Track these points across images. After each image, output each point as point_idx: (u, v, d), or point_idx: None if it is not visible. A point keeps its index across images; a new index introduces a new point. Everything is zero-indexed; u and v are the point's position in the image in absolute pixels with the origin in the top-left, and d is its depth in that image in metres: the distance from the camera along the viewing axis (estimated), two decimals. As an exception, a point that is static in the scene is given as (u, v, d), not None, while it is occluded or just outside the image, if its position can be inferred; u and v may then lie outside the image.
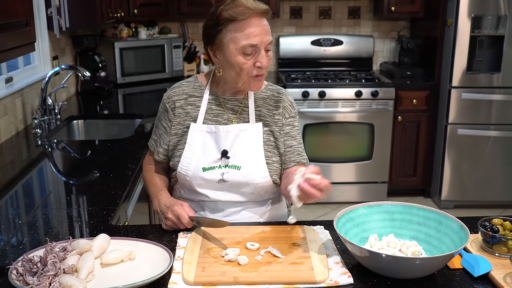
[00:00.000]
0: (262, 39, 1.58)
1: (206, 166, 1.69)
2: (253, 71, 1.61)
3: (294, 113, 1.78)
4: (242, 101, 1.74)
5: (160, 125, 1.79)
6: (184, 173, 1.70)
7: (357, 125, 4.17)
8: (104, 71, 3.93)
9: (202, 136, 1.70)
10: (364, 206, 1.51)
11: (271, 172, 1.70)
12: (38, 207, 1.83)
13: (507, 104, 3.99)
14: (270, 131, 1.73)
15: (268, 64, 1.63)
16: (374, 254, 1.28)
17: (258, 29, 1.58)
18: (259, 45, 1.58)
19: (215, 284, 1.28)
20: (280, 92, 1.78)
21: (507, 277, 1.29)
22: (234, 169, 1.68)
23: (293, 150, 1.74)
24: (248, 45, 1.57)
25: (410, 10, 4.34)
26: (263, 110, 1.74)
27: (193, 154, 1.70)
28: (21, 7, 1.92)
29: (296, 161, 1.74)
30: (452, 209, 4.19)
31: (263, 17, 1.60)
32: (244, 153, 1.68)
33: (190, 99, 1.75)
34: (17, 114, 2.83)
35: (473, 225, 1.54)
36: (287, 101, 1.77)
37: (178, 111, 1.74)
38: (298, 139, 1.77)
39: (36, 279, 1.21)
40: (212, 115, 1.72)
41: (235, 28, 1.58)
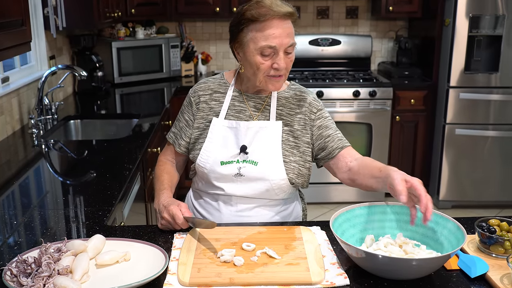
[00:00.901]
0: (281, 41, 1.60)
1: (224, 160, 1.72)
2: (270, 72, 1.65)
3: (321, 105, 1.79)
4: (265, 99, 1.77)
5: (182, 118, 1.84)
6: (203, 165, 1.74)
7: (355, 125, 4.17)
8: (101, 71, 3.92)
9: (223, 131, 1.74)
10: (360, 207, 1.50)
11: (288, 170, 1.71)
12: (35, 208, 1.82)
13: (505, 104, 3.99)
14: (290, 131, 1.75)
15: (287, 66, 1.66)
16: (370, 255, 1.27)
17: (278, 31, 1.60)
18: (277, 47, 1.61)
19: (210, 285, 1.27)
20: (302, 91, 1.81)
21: (504, 278, 1.29)
22: (251, 164, 1.70)
23: (332, 138, 1.75)
24: (267, 46, 1.60)
25: (408, 10, 4.34)
26: (284, 109, 1.76)
27: (212, 148, 1.74)
28: (17, 6, 1.91)
29: (339, 147, 1.74)
30: (450, 209, 4.19)
31: (286, 19, 1.61)
32: (262, 150, 1.71)
33: (214, 95, 1.80)
34: (13, 114, 2.82)
35: (470, 225, 1.53)
36: (310, 97, 1.79)
37: (203, 105, 1.79)
38: (333, 127, 1.77)
39: (30, 280, 1.20)
40: (234, 111, 1.76)
41: (256, 29, 1.61)
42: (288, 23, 1.63)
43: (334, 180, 4.27)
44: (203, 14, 4.36)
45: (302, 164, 1.75)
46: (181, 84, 4.26)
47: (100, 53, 4.02)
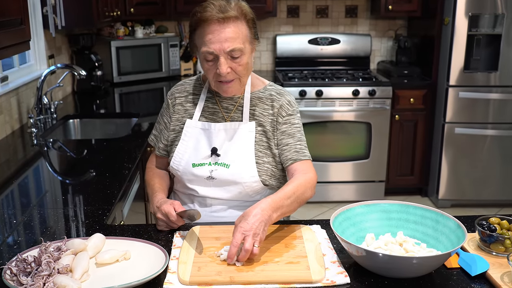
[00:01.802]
0: (220, 46, 1.57)
1: (196, 162, 1.70)
2: (217, 77, 1.62)
3: (292, 111, 1.75)
4: (237, 100, 1.74)
5: (162, 121, 1.84)
6: (176, 167, 1.73)
7: (354, 124, 4.17)
8: (100, 70, 3.91)
9: (196, 133, 1.73)
10: (361, 205, 1.50)
11: (260, 172, 1.69)
12: (34, 207, 1.82)
13: (504, 103, 3.99)
14: (263, 131, 1.72)
15: (235, 70, 1.61)
16: (371, 253, 1.27)
17: (216, 36, 1.56)
18: (216, 52, 1.57)
19: (210, 283, 1.27)
20: (278, 92, 1.77)
21: (504, 276, 1.29)
22: (223, 167, 1.68)
23: (289, 148, 1.71)
24: (206, 52, 1.59)
25: (407, 9, 4.33)
26: (257, 109, 1.73)
27: (185, 150, 1.72)
28: (15, 5, 1.91)
29: (292, 158, 1.70)
30: (449, 208, 4.19)
31: (226, 23, 1.57)
32: (234, 152, 1.69)
33: (190, 97, 1.78)
34: (12, 113, 2.82)
35: (470, 224, 1.53)
36: (284, 100, 1.74)
37: (178, 107, 1.78)
38: (297, 136, 1.73)
39: (30, 279, 1.20)
40: (208, 113, 1.75)
41: (200, 34, 1.61)
42: (230, 27, 1.57)
43: (333, 179, 4.28)
44: (202, 13, 4.35)
45: (275, 165, 1.73)
46: (180, 83, 4.25)
47: (99, 52, 4.01)
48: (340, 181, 4.28)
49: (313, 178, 1.66)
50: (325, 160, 4.22)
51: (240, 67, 1.62)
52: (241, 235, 1.36)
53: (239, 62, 1.61)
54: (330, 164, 4.24)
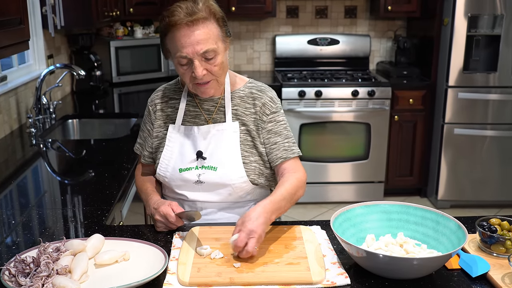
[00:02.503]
0: (193, 49, 1.54)
1: (183, 167, 1.68)
2: (194, 80, 1.60)
3: (275, 108, 1.72)
4: (218, 100, 1.72)
5: (145, 128, 1.81)
6: (163, 174, 1.71)
7: (354, 125, 4.17)
8: (99, 70, 3.91)
9: (179, 137, 1.71)
10: (361, 206, 1.50)
11: (248, 172, 1.67)
12: (33, 207, 1.81)
13: (504, 104, 3.99)
14: (247, 130, 1.70)
15: (211, 71, 1.59)
16: (371, 254, 1.27)
17: (187, 39, 1.54)
18: (189, 56, 1.55)
19: (210, 285, 1.27)
20: (259, 89, 1.73)
21: (505, 278, 1.28)
22: (210, 170, 1.67)
23: (278, 146, 1.69)
24: (180, 57, 1.56)
25: (406, 10, 4.33)
26: (240, 108, 1.71)
27: (171, 155, 1.71)
28: (15, 4, 1.90)
29: (282, 157, 1.68)
30: (449, 208, 4.18)
31: (196, 25, 1.54)
32: (220, 154, 1.67)
33: (170, 102, 1.76)
34: (11, 113, 2.81)
35: (470, 225, 1.53)
36: (266, 98, 1.71)
37: (159, 113, 1.76)
38: (284, 134, 1.71)
39: (28, 280, 1.20)
40: (190, 116, 1.73)
41: (170, 39, 1.57)
42: (200, 29, 1.54)
43: (332, 180, 4.28)
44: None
45: (262, 163, 1.71)
46: (179, 83, 4.25)
47: (98, 52, 4.01)
48: (339, 181, 4.28)
49: (303, 177, 1.67)
50: (324, 160, 4.22)
51: (215, 67, 1.59)
52: (246, 236, 1.38)
53: (213, 62, 1.58)
54: (329, 164, 4.23)
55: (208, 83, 1.61)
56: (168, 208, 1.54)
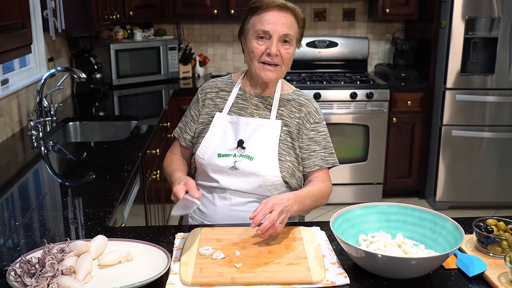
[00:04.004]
0: (276, 28, 1.68)
1: (222, 152, 1.77)
2: (263, 57, 1.71)
3: (319, 119, 1.84)
4: (267, 99, 1.83)
5: (189, 114, 1.92)
6: (202, 156, 1.79)
7: (352, 127, 4.19)
8: (99, 73, 3.93)
9: (224, 125, 1.80)
10: (360, 207, 1.52)
11: (282, 168, 1.75)
12: (34, 209, 1.83)
13: (501, 106, 4.02)
14: (289, 131, 1.79)
15: (283, 56, 1.71)
16: (370, 255, 1.29)
17: (274, 18, 1.69)
18: (271, 32, 1.69)
19: (212, 284, 1.29)
20: (306, 98, 1.86)
21: (501, 277, 1.31)
22: (247, 158, 1.74)
23: (316, 155, 1.80)
24: (261, 30, 1.69)
25: (404, 12, 4.36)
26: (285, 110, 1.81)
27: (212, 141, 1.80)
28: (17, 9, 1.92)
29: (319, 165, 1.79)
30: (447, 210, 4.21)
31: (284, 11, 1.70)
32: (259, 146, 1.75)
33: (220, 93, 1.87)
34: (13, 116, 2.83)
35: (467, 225, 1.55)
36: (312, 107, 1.83)
37: (208, 102, 1.87)
38: (323, 144, 1.82)
39: (34, 280, 1.22)
40: (237, 108, 1.83)
41: (256, 15, 1.72)
42: (287, 15, 1.71)
43: (332, 182, 4.29)
44: (201, 17, 4.38)
45: (297, 165, 1.79)
46: (179, 86, 4.27)
47: (98, 55, 4.03)
48: (338, 183, 4.30)
49: (330, 188, 1.80)
50: (323, 162, 4.23)
51: (287, 54, 1.72)
52: (271, 206, 1.48)
53: (287, 48, 1.72)
54: (328, 166, 4.25)
55: (275, 66, 1.73)
56: (180, 188, 1.55)
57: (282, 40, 1.70)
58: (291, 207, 1.55)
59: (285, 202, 1.53)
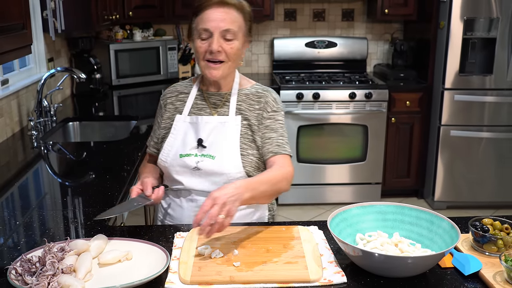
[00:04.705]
0: (216, 24, 1.68)
1: (183, 152, 1.77)
2: (207, 55, 1.72)
3: (277, 108, 1.82)
4: (224, 95, 1.83)
5: (156, 121, 1.94)
6: (164, 159, 1.80)
7: (351, 127, 4.20)
8: (99, 73, 3.94)
9: (184, 127, 1.81)
10: (357, 207, 1.53)
11: (245, 163, 1.74)
12: (34, 209, 1.84)
13: (499, 106, 4.04)
14: (249, 125, 1.78)
15: (226, 52, 1.70)
16: (367, 254, 1.30)
17: (214, 15, 1.69)
18: (211, 29, 1.69)
19: (211, 283, 1.30)
20: (264, 90, 1.85)
21: (496, 276, 1.32)
22: (209, 158, 1.74)
23: (271, 141, 1.77)
24: (202, 29, 1.70)
25: (403, 13, 4.38)
26: (244, 104, 1.81)
27: (174, 142, 1.80)
28: (18, 10, 1.93)
29: (273, 151, 1.75)
30: (445, 209, 4.22)
31: (225, 7, 1.70)
32: (220, 144, 1.75)
33: (180, 96, 1.88)
34: (13, 116, 2.84)
35: (464, 225, 1.56)
36: (270, 97, 1.82)
37: (169, 106, 1.88)
38: (279, 132, 1.79)
39: (35, 279, 1.23)
40: (196, 108, 1.83)
41: (199, 16, 1.73)
42: (229, 10, 1.70)
43: (329, 181, 4.31)
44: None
45: (259, 157, 1.78)
46: (178, 86, 4.28)
47: (98, 56, 4.04)
48: (337, 183, 4.32)
49: (290, 172, 1.71)
50: (322, 162, 4.25)
51: (231, 50, 1.71)
52: (211, 201, 1.42)
53: (230, 44, 1.71)
54: (327, 166, 4.27)
55: (219, 64, 1.72)
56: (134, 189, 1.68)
57: (224, 36, 1.70)
58: (240, 196, 1.48)
59: (229, 192, 1.45)
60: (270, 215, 1.90)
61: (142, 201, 1.65)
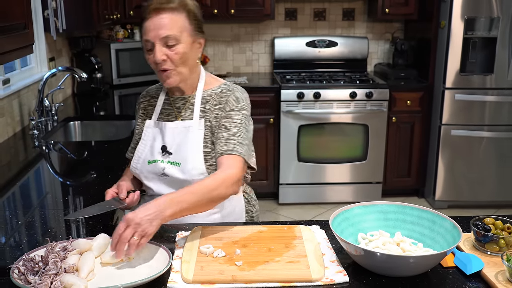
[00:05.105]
0: (155, 33, 1.62)
1: (151, 159, 1.76)
2: (157, 66, 1.68)
3: (236, 107, 1.73)
4: (188, 99, 1.79)
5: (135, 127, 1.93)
6: (135, 166, 1.80)
7: (352, 126, 4.20)
8: (100, 73, 3.94)
9: (153, 133, 1.80)
10: (359, 206, 1.53)
11: (210, 168, 1.71)
12: (36, 208, 1.84)
13: (500, 105, 4.04)
14: (210, 126, 1.74)
15: (171, 59, 1.64)
16: (369, 253, 1.30)
17: (153, 24, 1.63)
18: (151, 40, 1.64)
19: (213, 282, 1.30)
20: (228, 89, 1.77)
21: (498, 275, 1.32)
22: (174, 165, 1.73)
23: (221, 141, 1.69)
24: (145, 41, 1.66)
25: (404, 12, 4.38)
26: (207, 106, 1.76)
27: (143, 149, 1.80)
28: (20, 9, 1.94)
29: (220, 151, 1.67)
30: (446, 209, 4.22)
31: (162, 12, 1.63)
32: (185, 150, 1.72)
33: (151, 100, 1.87)
34: (14, 116, 2.85)
35: (465, 224, 1.57)
36: (232, 96, 1.74)
37: (142, 111, 1.88)
38: (233, 131, 1.69)
39: (37, 278, 1.23)
40: (165, 113, 1.81)
41: (143, 26, 1.67)
42: (166, 15, 1.62)
43: (330, 181, 4.32)
44: (201, 16, 4.38)
45: None
46: (179, 85, 4.28)
47: (99, 55, 4.04)
48: (338, 182, 4.32)
49: (233, 175, 1.61)
50: (323, 161, 4.25)
51: (176, 55, 1.64)
52: (124, 224, 1.37)
53: (174, 50, 1.64)
54: (327, 165, 4.27)
55: (169, 71, 1.67)
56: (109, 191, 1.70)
57: (167, 43, 1.63)
58: (159, 214, 1.41)
59: (146, 212, 1.39)
60: (248, 217, 1.87)
61: (116, 204, 1.66)
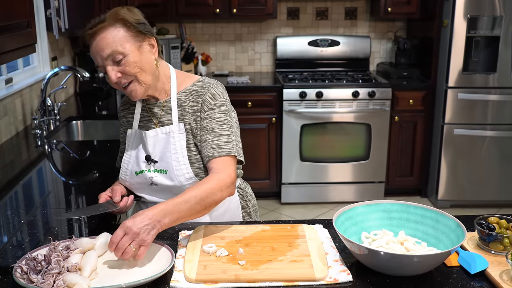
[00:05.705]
0: (100, 56, 1.59)
1: (138, 170, 1.73)
2: (117, 85, 1.63)
3: (214, 105, 1.68)
4: (163, 103, 1.74)
5: None
6: (123, 178, 1.77)
7: (354, 125, 4.20)
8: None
9: (136, 142, 1.76)
10: (362, 205, 1.53)
11: (197, 171, 1.68)
12: (38, 207, 1.84)
13: (503, 104, 4.03)
14: (190, 129, 1.69)
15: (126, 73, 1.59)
16: (373, 252, 1.30)
17: (94, 49, 1.59)
18: (100, 62, 1.60)
19: (216, 281, 1.30)
20: (203, 86, 1.71)
21: (503, 274, 1.32)
22: (161, 173, 1.70)
23: (206, 144, 1.66)
24: (97, 67, 1.63)
25: (406, 11, 4.37)
26: (184, 108, 1.70)
27: (129, 159, 1.76)
28: (22, 8, 1.94)
29: (208, 155, 1.64)
30: (449, 208, 4.21)
31: (98, 34, 1.58)
32: (169, 157, 1.69)
33: (131, 108, 1.82)
34: (17, 115, 2.85)
35: (469, 223, 1.56)
36: (207, 94, 1.68)
37: (123, 120, 1.84)
38: (216, 132, 1.66)
39: (40, 277, 1.23)
40: (144, 121, 1.77)
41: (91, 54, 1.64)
42: (102, 35, 1.57)
43: (333, 180, 4.31)
44: (203, 16, 4.39)
45: None
46: (181, 85, 4.28)
47: (101, 54, 4.03)
48: (340, 181, 4.31)
49: (226, 178, 1.58)
50: (325, 161, 4.25)
51: (128, 68, 1.59)
52: (122, 231, 1.37)
53: (124, 64, 1.59)
54: (330, 165, 4.27)
55: (129, 85, 1.62)
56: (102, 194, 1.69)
57: (114, 60, 1.58)
58: (157, 223, 1.41)
59: (144, 221, 1.39)
60: (245, 212, 1.86)
61: (109, 207, 1.65)
